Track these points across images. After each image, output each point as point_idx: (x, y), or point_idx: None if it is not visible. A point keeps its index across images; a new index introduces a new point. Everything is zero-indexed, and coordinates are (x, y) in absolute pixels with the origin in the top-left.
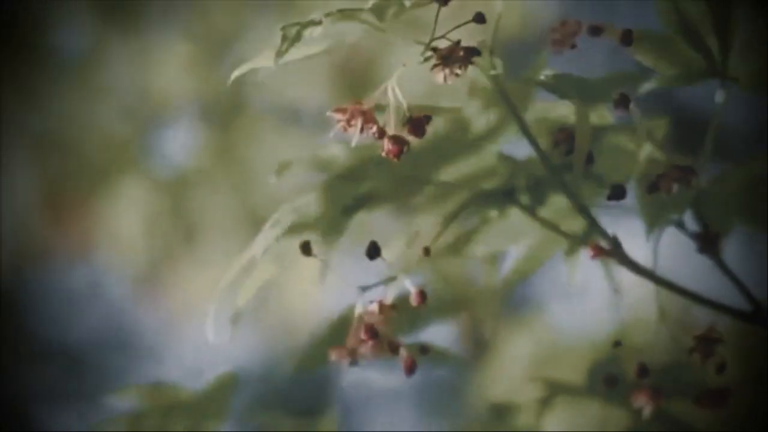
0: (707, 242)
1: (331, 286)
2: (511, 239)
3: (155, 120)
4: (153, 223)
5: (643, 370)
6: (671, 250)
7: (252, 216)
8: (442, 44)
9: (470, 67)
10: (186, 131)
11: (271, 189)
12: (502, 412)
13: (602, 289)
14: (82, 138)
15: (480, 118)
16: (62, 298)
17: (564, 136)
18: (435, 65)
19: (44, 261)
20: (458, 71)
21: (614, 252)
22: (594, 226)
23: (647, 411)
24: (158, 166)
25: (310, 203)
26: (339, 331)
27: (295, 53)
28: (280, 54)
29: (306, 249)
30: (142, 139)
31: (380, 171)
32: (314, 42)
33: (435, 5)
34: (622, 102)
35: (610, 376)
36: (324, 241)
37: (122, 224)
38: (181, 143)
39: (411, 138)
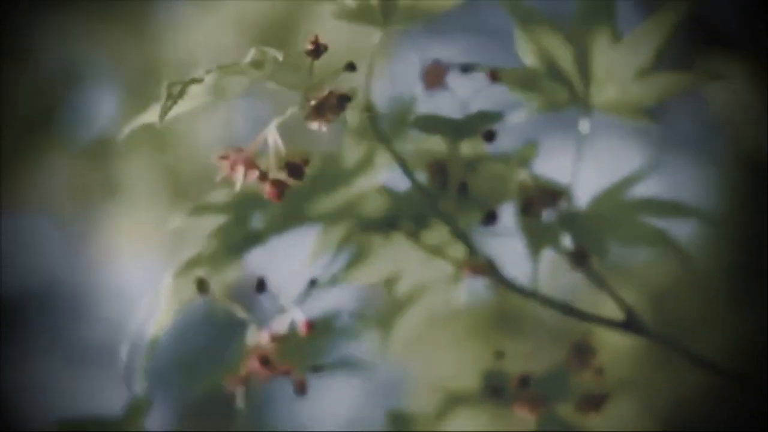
0: (579, 259)
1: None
2: (396, 265)
3: (75, 89)
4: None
5: (524, 381)
6: (552, 267)
7: (173, 175)
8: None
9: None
10: (106, 99)
11: (190, 150)
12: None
13: None
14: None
15: (357, 156)
16: None
17: (438, 167)
18: (308, 116)
19: None
20: (331, 117)
21: (490, 272)
22: (473, 250)
23: (531, 421)
24: (79, 133)
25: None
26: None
27: (182, 106)
28: (164, 111)
29: (202, 286)
30: (63, 107)
31: (265, 210)
32: (199, 96)
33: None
34: (489, 136)
35: (495, 386)
36: (219, 279)
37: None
38: (101, 110)
39: (291, 181)
